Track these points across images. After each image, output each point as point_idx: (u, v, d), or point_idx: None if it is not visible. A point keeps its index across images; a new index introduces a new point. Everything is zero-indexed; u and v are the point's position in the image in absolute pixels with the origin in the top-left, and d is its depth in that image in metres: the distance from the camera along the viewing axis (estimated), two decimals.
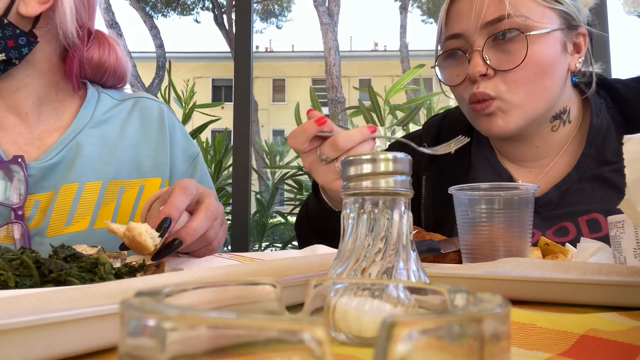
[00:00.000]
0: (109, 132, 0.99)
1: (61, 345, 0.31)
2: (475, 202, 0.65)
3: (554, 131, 0.95)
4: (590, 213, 0.85)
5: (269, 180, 3.88)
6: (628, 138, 0.42)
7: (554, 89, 0.89)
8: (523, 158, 0.98)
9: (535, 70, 0.86)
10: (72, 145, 0.93)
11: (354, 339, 0.31)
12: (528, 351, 0.32)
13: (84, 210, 0.92)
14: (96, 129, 0.97)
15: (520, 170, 0.98)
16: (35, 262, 0.49)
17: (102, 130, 0.98)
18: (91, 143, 0.95)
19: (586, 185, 0.89)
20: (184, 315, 0.17)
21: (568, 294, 0.48)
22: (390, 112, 3.38)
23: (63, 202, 0.90)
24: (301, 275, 0.46)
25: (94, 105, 1.00)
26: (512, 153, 0.99)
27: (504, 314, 0.20)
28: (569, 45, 0.90)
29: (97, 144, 0.96)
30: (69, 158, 0.93)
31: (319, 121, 0.73)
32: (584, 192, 0.88)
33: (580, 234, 0.84)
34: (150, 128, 1.03)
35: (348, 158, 0.37)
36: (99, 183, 0.94)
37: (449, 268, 0.59)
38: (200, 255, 0.75)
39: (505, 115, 0.88)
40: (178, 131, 1.07)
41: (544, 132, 0.95)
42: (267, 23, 15.36)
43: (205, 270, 0.44)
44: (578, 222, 0.86)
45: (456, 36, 0.91)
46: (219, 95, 16.93)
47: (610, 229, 0.59)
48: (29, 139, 0.92)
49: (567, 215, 0.87)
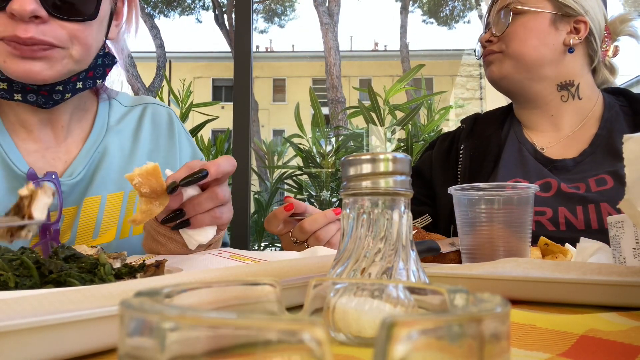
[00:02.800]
0: (124, 142, 0.99)
1: (61, 347, 0.31)
2: (475, 202, 0.65)
3: (564, 102, 1.15)
4: (598, 174, 1.03)
5: (268, 180, 3.88)
6: (628, 137, 0.42)
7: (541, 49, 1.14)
8: (543, 127, 1.18)
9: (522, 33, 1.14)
10: (95, 158, 0.94)
11: (354, 339, 0.31)
12: (528, 351, 0.32)
13: (109, 222, 0.92)
14: (113, 139, 0.98)
15: (542, 138, 1.17)
16: (35, 263, 0.49)
17: (118, 139, 0.99)
18: (110, 154, 0.95)
19: (598, 157, 1.08)
20: (183, 315, 0.17)
21: (568, 294, 0.48)
22: (390, 112, 3.38)
23: (88, 216, 0.90)
24: (301, 276, 0.46)
25: (107, 112, 1.00)
26: (533, 122, 1.19)
27: (504, 314, 0.20)
28: (561, 24, 1.14)
29: (115, 155, 0.96)
30: (92, 170, 0.93)
31: (286, 207, 0.86)
32: (595, 162, 1.07)
33: (589, 189, 1.01)
34: (160, 135, 1.04)
35: (348, 158, 0.37)
36: (120, 194, 0.94)
37: (449, 268, 0.59)
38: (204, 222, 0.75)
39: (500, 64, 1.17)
40: (184, 137, 1.08)
41: (554, 100, 1.16)
42: (270, 23, 15.36)
43: (204, 270, 0.44)
44: (588, 181, 1.03)
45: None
46: (219, 95, 16.93)
47: (610, 229, 0.59)
48: (56, 153, 0.92)
49: (580, 177, 1.06)
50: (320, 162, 3.67)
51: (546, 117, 1.17)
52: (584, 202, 0.99)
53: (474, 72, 13.89)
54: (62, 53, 0.81)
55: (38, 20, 0.78)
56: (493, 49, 1.18)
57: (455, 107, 10.18)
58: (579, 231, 0.96)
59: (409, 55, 11.41)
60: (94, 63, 0.89)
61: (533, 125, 1.19)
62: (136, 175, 0.64)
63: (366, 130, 3.71)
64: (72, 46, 0.82)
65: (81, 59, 0.84)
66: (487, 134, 1.22)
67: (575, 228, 0.98)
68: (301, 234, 0.86)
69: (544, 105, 1.16)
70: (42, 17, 0.78)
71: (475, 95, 13.91)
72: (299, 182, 3.52)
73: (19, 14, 0.75)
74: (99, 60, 0.91)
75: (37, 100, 0.85)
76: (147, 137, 1.02)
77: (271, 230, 0.89)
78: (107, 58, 0.93)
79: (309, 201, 3.60)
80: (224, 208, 0.76)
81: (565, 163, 1.09)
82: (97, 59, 0.90)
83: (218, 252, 0.76)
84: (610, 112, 1.14)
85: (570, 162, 1.09)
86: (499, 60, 1.17)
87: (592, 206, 0.98)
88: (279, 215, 0.88)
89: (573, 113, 1.15)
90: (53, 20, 0.79)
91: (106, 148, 0.96)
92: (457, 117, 7.29)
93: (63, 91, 0.86)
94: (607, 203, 0.97)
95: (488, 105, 12.92)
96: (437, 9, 13.86)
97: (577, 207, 0.99)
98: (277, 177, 3.75)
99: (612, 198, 0.97)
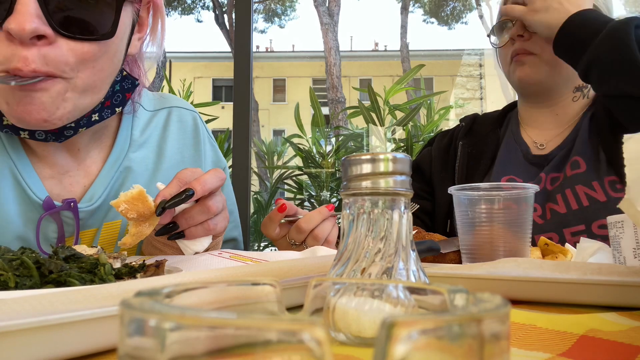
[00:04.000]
0: (148, 156, 0.90)
1: (61, 347, 0.31)
2: (475, 202, 0.65)
3: (574, 102, 1.14)
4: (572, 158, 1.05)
5: (268, 181, 3.88)
6: (628, 137, 0.42)
7: None
8: (545, 125, 1.17)
9: None
10: (116, 178, 0.85)
11: (354, 339, 0.31)
12: (528, 351, 0.32)
13: None
14: (136, 155, 0.89)
15: (537, 137, 1.16)
16: (35, 263, 0.49)
17: (142, 154, 0.90)
18: (133, 172, 0.87)
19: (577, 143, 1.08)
20: (183, 315, 0.17)
21: (568, 294, 0.48)
22: (390, 112, 3.38)
23: (107, 239, 0.86)
24: (301, 276, 0.46)
25: (131, 122, 0.90)
26: (535, 118, 1.18)
27: (504, 314, 0.20)
28: None
29: (139, 173, 0.88)
30: (113, 194, 0.84)
31: (280, 209, 0.87)
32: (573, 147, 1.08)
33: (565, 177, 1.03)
34: (186, 145, 0.96)
35: (348, 158, 0.37)
36: None
37: (449, 268, 0.59)
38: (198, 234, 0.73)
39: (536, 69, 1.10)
40: (208, 143, 1.01)
41: (566, 100, 1.14)
42: (270, 23, 15.35)
43: (204, 271, 0.44)
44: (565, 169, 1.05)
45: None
46: (219, 95, 16.91)
47: (610, 229, 0.59)
48: (75, 177, 0.84)
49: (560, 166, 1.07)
50: (320, 162, 3.67)
51: (551, 116, 1.17)
52: (562, 191, 1.02)
53: (474, 72, 13.89)
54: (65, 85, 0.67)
55: (42, 41, 0.64)
56: (526, 48, 1.10)
57: (455, 107, 10.18)
58: (561, 214, 1.00)
59: (409, 55, 11.41)
60: (111, 91, 0.77)
61: (535, 122, 1.19)
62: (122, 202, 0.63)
63: (366, 130, 3.71)
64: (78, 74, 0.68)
65: (88, 89, 0.70)
66: (484, 132, 1.22)
67: (557, 212, 1.01)
68: (298, 234, 0.86)
69: (554, 105, 1.16)
70: (48, 36, 0.64)
71: (476, 95, 13.91)
72: (298, 182, 3.53)
73: (18, 34, 0.62)
74: (116, 85, 0.78)
75: (46, 139, 0.75)
76: (172, 148, 0.93)
77: (268, 234, 0.90)
78: (126, 82, 0.80)
79: (309, 201, 3.60)
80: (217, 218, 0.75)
81: (553, 154, 1.10)
82: (115, 85, 0.78)
83: (218, 252, 0.76)
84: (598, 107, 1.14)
85: (556, 151, 1.10)
86: (535, 64, 1.10)
87: (568, 191, 1.01)
88: (274, 218, 0.88)
89: (576, 111, 1.15)
90: (60, 40, 0.65)
91: (129, 166, 0.87)
92: (457, 117, 7.28)
93: (75, 127, 0.75)
94: (581, 185, 0.99)
95: (488, 105, 12.92)
96: (438, 9, 13.85)
97: (557, 196, 1.02)
98: (277, 177, 3.75)
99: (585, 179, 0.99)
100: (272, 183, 3.74)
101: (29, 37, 0.62)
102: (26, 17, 0.61)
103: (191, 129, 0.98)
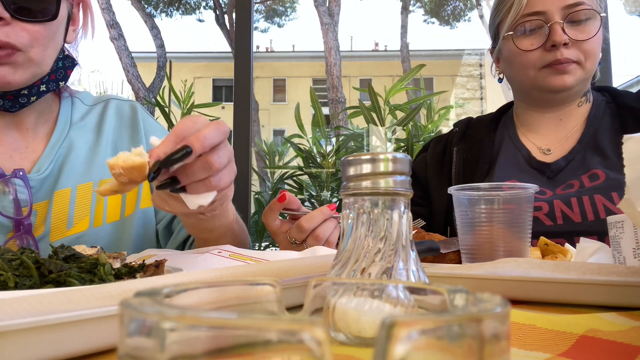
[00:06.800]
0: (88, 136, 1.02)
1: (61, 347, 0.31)
2: (475, 202, 0.65)
3: (579, 106, 1.15)
4: (590, 170, 1.04)
5: (269, 181, 3.88)
6: (628, 137, 0.42)
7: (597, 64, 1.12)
8: (547, 130, 1.16)
9: (597, 44, 1.10)
10: (60, 153, 0.97)
11: (354, 339, 0.31)
12: (528, 352, 0.32)
13: (81, 212, 0.95)
14: (76, 134, 1.01)
15: (539, 142, 1.16)
16: (35, 263, 0.49)
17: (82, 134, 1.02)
18: (75, 148, 0.98)
19: (588, 154, 1.08)
20: (183, 315, 0.17)
21: (568, 294, 0.48)
22: (390, 112, 3.38)
23: (60, 208, 0.93)
24: (301, 276, 0.46)
25: (70, 109, 1.03)
26: (538, 123, 1.17)
27: (504, 314, 0.20)
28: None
29: (81, 148, 0.99)
30: (58, 165, 0.96)
31: (279, 199, 0.88)
32: (585, 159, 1.08)
33: (583, 185, 1.02)
34: (124, 126, 1.06)
35: (348, 158, 0.37)
36: (90, 184, 0.97)
37: (449, 268, 0.59)
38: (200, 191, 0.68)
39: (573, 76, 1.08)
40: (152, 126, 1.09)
41: (572, 105, 1.15)
42: (270, 23, 15.35)
43: (204, 270, 0.44)
44: (581, 178, 1.04)
45: (537, 13, 1.11)
46: (219, 95, 16.91)
47: (610, 229, 0.59)
48: (24, 154, 0.95)
49: (573, 176, 1.06)
50: (320, 162, 3.67)
51: (555, 120, 1.16)
52: (579, 196, 1.00)
53: (474, 72, 13.89)
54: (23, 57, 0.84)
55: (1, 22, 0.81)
56: (571, 58, 1.08)
57: (456, 107, 10.17)
58: (576, 223, 0.97)
59: (410, 56, 11.41)
60: (55, 66, 0.93)
61: (536, 127, 1.18)
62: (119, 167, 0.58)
63: (366, 130, 3.71)
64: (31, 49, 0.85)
65: (41, 61, 0.87)
66: (479, 137, 1.21)
67: (572, 221, 0.98)
68: (299, 233, 0.85)
69: (562, 110, 1.15)
70: (5, 19, 0.81)
71: (476, 95, 13.91)
72: (299, 182, 3.52)
73: None
74: (59, 63, 0.94)
75: (3, 104, 0.89)
76: (110, 129, 1.04)
77: (268, 224, 0.89)
78: (67, 60, 0.96)
79: (309, 201, 3.60)
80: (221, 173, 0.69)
81: (558, 163, 1.09)
82: (58, 62, 0.93)
83: (218, 251, 0.76)
84: (598, 110, 1.14)
85: (562, 161, 1.09)
86: (575, 72, 1.08)
87: (586, 198, 0.99)
88: (273, 207, 0.88)
89: (579, 116, 1.15)
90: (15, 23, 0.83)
91: (71, 143, 0.98)
92: (457, 117, 7.29)
93: (28, 95, 0.90)
94: (600, 195, 0.98)
95: (488, 105, 12.92)
96: (438, 9, 13.84)
97: (572, 199, 1.00)
98: (277, 177, 3.75)
99: (605, 190, 0.98)
100: (273, 183, 3.74)
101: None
102: None
103: (128, 113, 1.08)
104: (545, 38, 1.08)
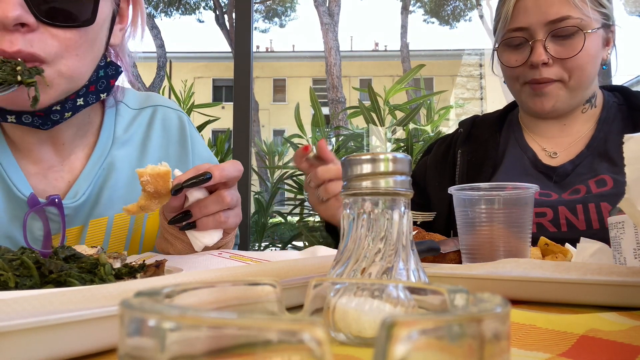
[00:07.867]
0: (131, 153, 0.91)
1: (61, 347, 0.31)
2: (475, 202, 0.65)
3: (583, 113, 1.13)
4: (597, 175, 1.02)
5: (269, 181, 3.87)
6: (628, 137, 0.42)
7: (593, 76, 1.08)
8: (551, 134, 1.14)
9: (586, 60, 1.04)
10: (100, 175, 0.86)
11: (354, 339, 0.31)
12: (528, 352, 0.32)
13: (116, 242, 0.89)
14: (119, 152, 0.90)
15: (545, 144, 1.14)
16: (36, 263, 0.49)
17: (126, 151, 0.91)
18: (116, 169, 0.88)
19: (595, 159, 1.06)
20: (183, 315, 0.17)
21: (568, 294, 0.48)
22: (390, 112, 3.37)
23: (94, 236, 0.86)
24: (301, 276, 0.46)
25: (114, 120, 0.91)
26: (541, 128, 1.15)
27: (504, 314, 0.20)
28: (604, 39, 1.08)
29: (123, 170, 0.89)
30: (97, 190, 0.86)
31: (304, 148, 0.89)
32: (592, 164, 1.06)
33: (589, 191, 1.00)
34: (171, 142, 0.96)
35: (348, 158, 0.37)
36: None
37: (449, 268, 0.59)
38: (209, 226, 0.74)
39: (556, 98, 1.06)
40: (198, 143, 1.01)
41: (575, 112, 1.12)
42: (270, 23, 15.34)
43: (204, 270, 0.44)
44: (588, 183, 1.02)
45: (521, 29, 1.08)
46: (219, 95, 16.92)
47: (610, 230, 0.59)
48: (59, 172, 0.85)
49: (579, 180, 1.04)
50: None
51: (558, 126, 1.14)
52: (584, 202, 0.98)
53: (474, 72, 13.89)
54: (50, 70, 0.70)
55: (25, 28, 0.67)
56: (551, 77, 1.04)
57: (456, 107, 10.17)
58: (581, 231, 0.95)
59: (410, 55, 11.41)
60: (95, 76, 0.79)
61: (541, 131, 1.16)
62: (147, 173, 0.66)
63: (366, 131, 3.71)
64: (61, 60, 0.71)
65: (75, 74, 0.73)
66: (484, 138, 1.19)
67: (576, 228, 0.97)
68: (315, 178, 0.88)
69: (564, 117, 1.13)
70: (30, 24, 0.67)
71: (476, 95, 13.90)
72: (299, 182, 3.52)
73: (1, 22, 0.65)
74: (100, 71, 0.80)
75: (32, 122, 0.75)
76: (156, 146, 0.94)
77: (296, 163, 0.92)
78: (110, 68, 0.82)
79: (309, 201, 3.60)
80: (230, 212, 0.75)
81: (565, 167, 1.07)
82: (99, 71, 0.79)
83: (218, 252, 0.76)
84: (608, 113, 1.11)
85: (568, 165, 1.07)
86: (554, 93, 1.06)
87: (592, 205, 0.97)
88: (298, 153, 0.90)
89: (584, 121, 1.12)
90: (43, 28, 0.69)
91: (112, 163, 0.88)
92: (457, 117, 7.28)
93: (61, 111, 0.76)
94: (607, 202, 0.96)
95: (488, 105, 12.92)
96: (438, 9, 13.84)
97: (577, 206, 0.98)
98: (277, 177, 3.75)
99: (611, 197, 0.96)
100: (273, 183, 3.73)
101: (12, 24, 0.66)
102: (9, 5, 0.65)
103: (177, 127, 0.98)
104: (529, 55, 1.06)
